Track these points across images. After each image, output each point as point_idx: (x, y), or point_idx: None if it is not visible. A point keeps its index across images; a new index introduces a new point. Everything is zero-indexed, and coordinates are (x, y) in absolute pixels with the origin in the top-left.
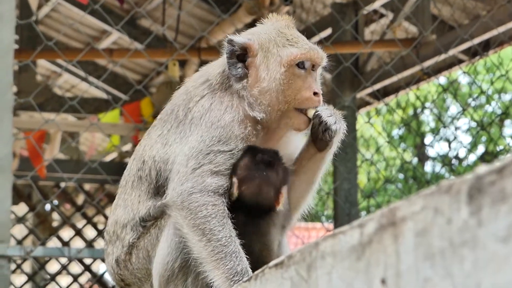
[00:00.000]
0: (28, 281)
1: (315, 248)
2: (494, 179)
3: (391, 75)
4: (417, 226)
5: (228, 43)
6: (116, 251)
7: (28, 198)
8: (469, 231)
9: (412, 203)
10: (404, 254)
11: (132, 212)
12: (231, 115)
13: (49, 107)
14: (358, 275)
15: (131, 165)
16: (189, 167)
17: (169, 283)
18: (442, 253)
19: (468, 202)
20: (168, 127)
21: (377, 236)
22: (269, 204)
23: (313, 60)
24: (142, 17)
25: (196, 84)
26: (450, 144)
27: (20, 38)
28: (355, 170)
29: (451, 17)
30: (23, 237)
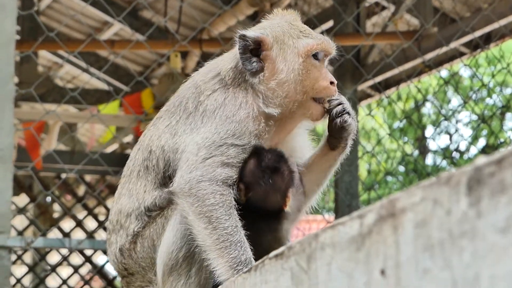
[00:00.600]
0: (29, 272)
1: (315, 239)
2: (494, 171)
3: (392, 67)
4: (416, 217)
5: (240, 38)
6: (120, 240)
7: (29, 189)
8: (468, 222)
9: (411, 195)
10: (403, 245)
11: (137, 201)
12: (246, 111)
13: (50, 98)
14: (358, 265)
15: (136, 155)
16: (199, 156)
17: (173, 272)
18: (442, 244)
19: (468, 193)
20: (176, 118)
21: (377, 227)
22: (276, 208)
23: (327, 50)
24: (144, 8)
25: (206, 78)
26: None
27: (22, 29)
28: (356, 163)
29: (452, 10)
30: (23, 228)
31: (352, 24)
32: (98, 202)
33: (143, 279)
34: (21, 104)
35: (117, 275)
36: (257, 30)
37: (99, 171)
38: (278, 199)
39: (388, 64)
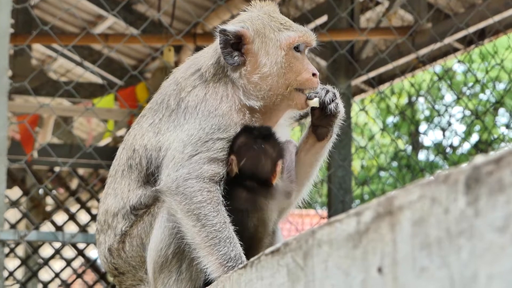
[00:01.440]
0: (21, 265)
1: (312, 236)
2: (492, 170)
3: (386, 63)
4: (414, 215)
5: (220, 33)
6: (108, 240)
7: (22, 182)
8: (466, 221)
9: (409, 193)
10: (400, 243)
11: (122, 200)
12: (228, 104)
13: (44, 91)
14: (355, 263)
15: (121, 154)
16: (185, 153)
17: (163, 269)
18: (439, 242)
19: (466, 192)
20: (159, 116)
21: (374, 224)
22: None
23: (308, 42)
24: (138, 2)
25: (186, 75)
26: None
27: (16, 22)
28: (349, 157)
29: (447, 6)
30: (16, 221)
31: (346, 19)
32: (91, 195)
33: (134, 278)
34: (14, 97)
35: (109, 275)
36: (237, 24)
37: (92, 164)
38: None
39: (382, 59)
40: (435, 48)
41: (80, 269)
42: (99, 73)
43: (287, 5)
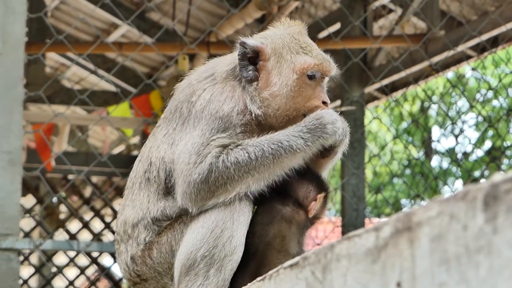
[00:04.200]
0: (35, 273)
1: (330, 250)
2: (510, 188)
3: (399, 70)
4: (432, 232)
5: (240, 45)
6: (131, 249)
7: (36, 190)
8: (484, 238)
9: (428, 209)
10: (419, 259)
11: (142, 211)
12: (230, 106)
13: (57, 100)
14: (374, 278)
15: (137, 167)
16: (191, 163)
17: (190, 272)
18: (458, 258)
19: (484, 209)
20: (173, 125)
21: (393, 240)
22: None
23: (325, 71)
24: (152, 11)
25: (200, 78)
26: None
27: (30, 31)
28: (362, 166)
29: (459, 13)
30: (30, 229)
31: (359, 27)
32: (104, 203)
33: (157, 284)
34: (28, 105)
35: (128, 282)
36: (258, 39)
37: (105, 172)
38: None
39: (395, 67)
40: (448, 56)
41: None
42: (113, 81)
43: (300, 13)
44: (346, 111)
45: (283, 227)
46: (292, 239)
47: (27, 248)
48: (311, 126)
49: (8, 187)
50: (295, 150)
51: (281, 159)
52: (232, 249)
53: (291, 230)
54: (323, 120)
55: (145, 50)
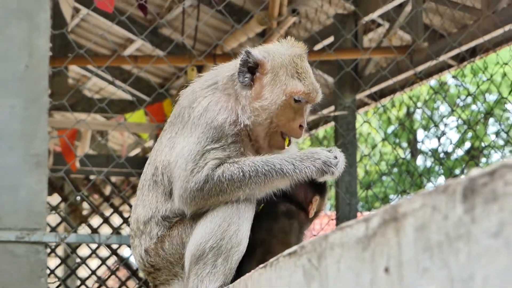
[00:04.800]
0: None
1: (325, 240)
2: (486, 181)
3: (387, 78)
4: (416, 222)
5: (245, 53)
6: (144, 243)
7: (61, 189)
8: (463, 227)
9: (412, 201)
10: (405, 246)
11: (151, 210)
12: (224, 116)
13: (79, 108)
14: (364, 264)
15: (146, 170)
16: (188, 170)
17: (199, 261)
18: (440, 246)
19: (463, 201)
20: (176, 129)
21: (381, 229)
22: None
23: (310, 99)
24: (163, 26)
25: (203, 86)
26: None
27: (53, 46)
28: (355, 164)
29: (441, 27)
30: (56, 225)
31: (350, 40)
32: (123, 200)
33: (169, 273)
34: (53, 113)
35: (143, 272)
36: (262, 52)
37: (123, 173)
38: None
39: (383, 75)
40: (431, 65)
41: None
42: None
43: (297, 28)
44: (340, 115)
45: (286, 224)
46: (294, 234)
47: (53, 241)
48: (303, 157)
49: (36, 186)
50: (284, 173)
51: (271, 180)
52: (238, 241)
53: (293, 226)
54: (316, 156)
55: (158, 62)
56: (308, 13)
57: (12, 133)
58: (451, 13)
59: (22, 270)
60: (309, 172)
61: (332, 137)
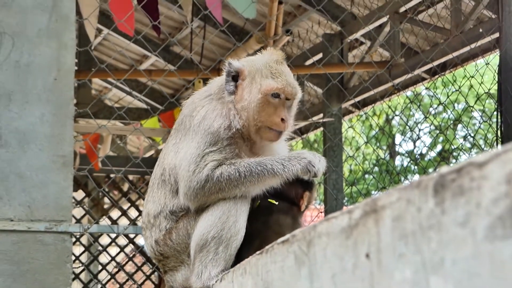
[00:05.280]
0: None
1: (313, 229)
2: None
3: (369, 90)
4: (393, 213)
5: (228, 64)
6: (154, 234)
7: (85, 186)
8: (435, 218)
9: (389, 195)
10: (383, 235)
11: (160, 206)
12: (219, 122)
13: (101, 115)
14: (348, 250)
15: (156, 170)
16: (190, 171)
17: (203, 250)
18: (414, 234)
19: (434, 195)
20: (179, 136)
21: (362, 220)
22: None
23: (286, 94)
24: (174, 45)
25: (201, 96)
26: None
27: (79, 61)
28: (341, 164)
29: (416, 45)
30: (80, 217)
31: (337, 56)
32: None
33: (177, 260)
34: (78, 120)
35: (154, 260)
36: (242, 61)
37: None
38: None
39: (365, 87)
40: (407, 78)
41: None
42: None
43: (291, 45)
44: (328, 122)
45: (280, 217)
46: (287, 225)
47: (77, 231)
48: (291, 157)
49: (62, 183)
50: (275, 172)
51: (264, 179)
52: (237, 231)
53: (287, 220)
54: (302, 156)
55: (169, 75)
56: (300, 33)
57: (42, 136)
58: (424, 33)
59: (50, 256)
60: (295, 170)
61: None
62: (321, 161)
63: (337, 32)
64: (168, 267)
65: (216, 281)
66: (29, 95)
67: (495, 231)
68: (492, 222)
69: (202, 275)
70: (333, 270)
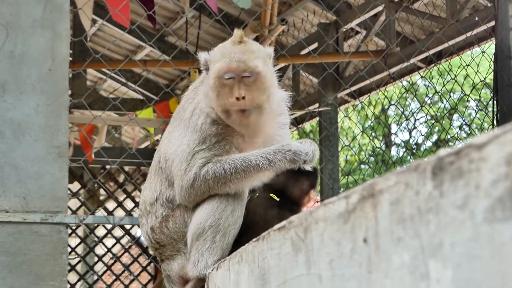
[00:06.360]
0: (81, 243)
1: (310, 215)
2: (453, 160)
3: (364, 79)
4: (391, 197)
5: (199, 57)
6: (150, 221)
7: (81, 177)
8: (433, 201)
9: (387, 179)
10: (381, 219)
11: (156, 193)
12: (201, 119)
13: (96, 106)
14: (345, 235)
15: (154, 157)
16: (182, 169)
17: (200, 238)
18: (412, 218)
19: (432, 178)
20: (174, 124)
21: (360, 205)
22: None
23: (234, 71)
24: (169, 35)
25: (192, 91)
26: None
27: (73, 52)
28: (336, 154)
29: (411, 33)
30: (76, 208)
31: (332, 45)
32: (134, 187)
33: (173, 248)
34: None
35: (151, 248)
36: (211, 52)
37: (135, 162)
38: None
39: (361, 76)
40: (403, 67)
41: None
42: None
43: (286, 35)
44: (323, 111)
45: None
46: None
47: (73, 222)
48: (276, 150)
49: (57, 174)
50: (260, 167)
51: (250, 174)
52: (234, 220)
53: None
54: (287, 148)
55: (164, 66)
56: (295, 22)
57: (37, 127)
58: (419, 21)
59: (46, 247)
60: (281, 163)
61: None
62: (311, 147)
63: (333, 21)
64: (165, 255)
65: (212, 269)
66: (24, 86)
67: (495, 213)
68: (491, 204)
69: (198, 263)
70: (330, 256)
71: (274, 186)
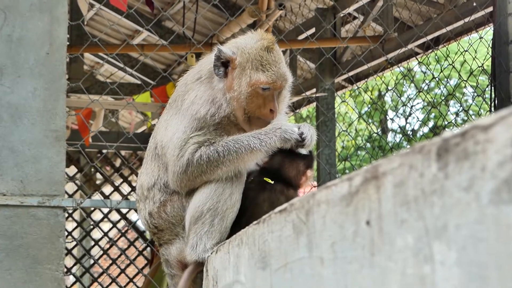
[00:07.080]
0: (77, 227)
1: (312, 198)
2: (459, 141)
3: (362, 64)
4: (395, 179)
5: (218, 50)
6: (148, 206)
7: (77, 162)
8: (438, 182)
9: (391, 161)
10: (384, 201)
11: (154, 178)
12: (206, 109)
13: (93, 90)
14: (348, 217)
15: (150, 142)
16: (174, 155)
17: (198, 221)
18: (416, 200)
19: (437, 159)
20: (171, 113)
21: (363, 187)
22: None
23: (276, 87)
24: (167, 19)
25: (193, 79)
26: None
27: (71, 36)
28: (334, 139)
29: (409, 19)
30: (73, 192)
31: (330, 30)
32: (131, 171)
33: (171, 233)
34: (70, 95)
35: (149, 233)
36: (233, 48)
37: (131, 147)
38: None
39: (358, 61)
40: (400, 53)
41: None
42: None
43: (283, 20)
44: (320, 97)
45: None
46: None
47: (70, 206)
48: (267, 130)
49: (55, 158)
50: (252, 148)
51: (242, 156)
52: (233, 203)
53: (280, 199)
54: (277, 127)
55: (162, 50)
56: (292, 7)
57: (35, 111)
58: (417, 7)
59: (43, 231)
60: (273, 142)
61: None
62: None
63: (330, 6)
64: (163, 240)
65: (211, 253)
66: (22, 70)
67: (501, 194)
68: (497, 185)
69: (197, 247)
70: (332, 238)
71: (270, 169)
